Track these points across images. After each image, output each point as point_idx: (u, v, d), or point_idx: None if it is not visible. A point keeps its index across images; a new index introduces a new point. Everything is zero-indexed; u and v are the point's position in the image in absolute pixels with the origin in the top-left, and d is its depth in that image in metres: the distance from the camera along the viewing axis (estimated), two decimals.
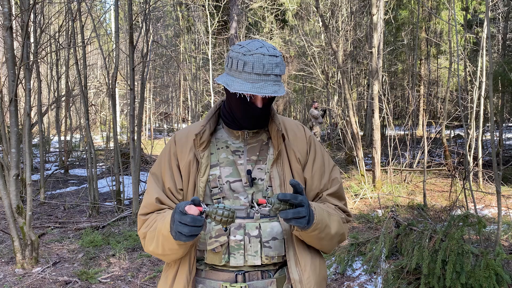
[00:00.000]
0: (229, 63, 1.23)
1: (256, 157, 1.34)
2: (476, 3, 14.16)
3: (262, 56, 1.18)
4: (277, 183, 1.30)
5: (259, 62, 1.18)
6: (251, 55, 1.19)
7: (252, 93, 1.17)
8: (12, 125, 3.98)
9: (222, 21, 14.01)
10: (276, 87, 1.20)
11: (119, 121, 16.42)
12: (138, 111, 6.31)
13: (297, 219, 1.16)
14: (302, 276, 1.26)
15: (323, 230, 1.24)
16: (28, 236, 4.04)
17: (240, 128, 1.34)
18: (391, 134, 8.77)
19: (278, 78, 1.21)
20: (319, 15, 9.13)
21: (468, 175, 5.32)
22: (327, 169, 1.41)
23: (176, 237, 1.14)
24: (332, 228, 1.28)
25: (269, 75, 1.19)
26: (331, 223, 1.28)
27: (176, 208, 1.13)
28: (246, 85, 1.18)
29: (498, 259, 2.86)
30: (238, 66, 1.20)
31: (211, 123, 1.37)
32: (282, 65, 1.23)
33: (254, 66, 1.18)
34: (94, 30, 7.74)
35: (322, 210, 1.25)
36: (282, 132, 1.30)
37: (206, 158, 1.32)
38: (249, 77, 1.19)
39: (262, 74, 1.18)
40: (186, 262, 1.29)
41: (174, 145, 1.38)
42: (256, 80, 1.18)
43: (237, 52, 1.22)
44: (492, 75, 3.91)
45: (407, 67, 15.52)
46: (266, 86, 1.18)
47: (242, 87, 1.18)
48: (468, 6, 11.69)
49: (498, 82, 9.32)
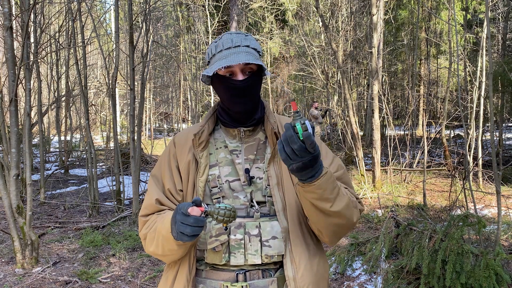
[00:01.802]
0: (207, 57, 1.33)
1: (254, 156, 1.35)
2: (476, 3, 14.16)
3: (230, 35, 1.28)
4: (274, 182, 1.30)
5: (227, 39, 1.27)
6: (220, 38, 1.29)
7: (225, 65, 1.21)
8: (12, 125, 3.99)
9: (222, 21, 14.01)
10: (249, 56, 1.23)
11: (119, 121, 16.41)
12: (138, 111, 6.31)
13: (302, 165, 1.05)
14: (296, 274, 1.26)
15: (327, 194, 1.13)
16: (28, 236, 4.05)
17: (234, 122, 1.35)
18: (391, 134, 8.77)
19: (250, 49, 1.26)
20: (319, 15, 9.13)
21: (468, 175, 5.32)
22: (327, 157, 1.38)
23: (178, 237, 1.14)
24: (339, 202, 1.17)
25: (239, 46, 1.25)
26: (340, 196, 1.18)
27: (177, 209, 1.13)
28: (220, 62, 1.24)
29: (498, 259, 2.86)
30: (212, 52, 1.29)
31: (210, 123, 1.38)
32: (253, 41, 1.29)
33: (223, 44, 1.26)
34: (94, 30, 7.74)
35: (333, 176, 1.16)
36: (275, 131, 1.30)
37: (205, 158, 1.33)
38: (222, 55, 1.25)
39: (232, 47, 1.25)
40: (186, 262, 1.30)
41: (174, 147, 1.39)
42: (228, 54, 1.25)
43: (210, 46, 1.32)
44: (492, 75, 3.91)
45: (407, 67, 15.53)
46: (238, 56, 1.23)
47: (217, 65, 1.23)
48: (468, 6, 11.69)
49: (498, 82, 9.32)
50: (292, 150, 1.02)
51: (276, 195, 1.29)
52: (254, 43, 1.29)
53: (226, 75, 1.27)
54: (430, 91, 15.62)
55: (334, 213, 1.17)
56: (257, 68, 1.29)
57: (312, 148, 1.01)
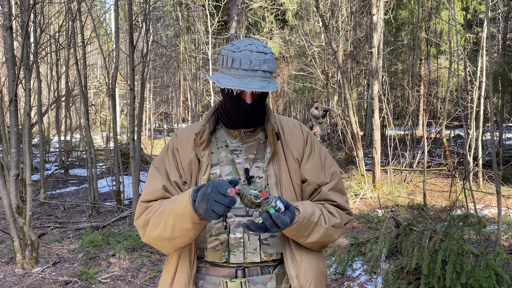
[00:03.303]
0: (220, 61, 1.28)
1: (254, 155, 1.36)
2: (476, 3, 14.16)
3: (250, 53, 1.21)
4: (273, 181, 1.32)
5: (246, 58, 1.21)
6: (240, 51, 1.22)
7: (238, 88, 1.20)
8: (12, 125, 3.98)
9: (222, 21, 14.00)
10: (264, 83, 1.22)
11: (119, 121, 16.41)
12: (138, 111, 6.31)
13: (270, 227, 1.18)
14: (299, 272, 1.28)
15: (299, 234, 1.26)
16: (28, 236, 4.04)
17: (236, 126, 1.35)
18: (391, 134, 8.77)
19: (266, 74, 1.23)
20: (319, 15, 9.13)
21: (468, 175, 5.32)
22: (325, 163, 1.41)
23: (206, 214, 1.12)
24: (314, 235, 1.28)
25: (256, 71, 1.21)
26: (315, 230, 1.28)
27: (212, 186, 1.12)
28: (234, 80, 1.21)
29: (498, 259, 2.86)
30: (228, 62, 1.24)
31: (211, 122, 1.38)
32: (271, 62, 1.25)
33: (241, 62, 1.21)
34: (94, 30, 7.74)
35: (305, 219, 1.25)
36: (276, 131, 1.31)
37: (207, 157, 1.34)
38: (237, 73, 1.22)
39: (249, 70, 1.21)
40: (186, 258, 1.31)
41: (177, 142, 1.40)
42: (243, 75, 1.21)
43: (227, 50, 1.25)
44: (492, 75, 3.90)
45: (407, 67, 15.52)
46: (253, 82, 1.20)
47: (230, 83, 1.21)
48: (468, 6, 11.69)
49: (498, 82, 9.32)
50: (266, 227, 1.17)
51: (274, 194, 1.31)
52: (271, 65, 1.25)
53: (236, 92, 1.26)
54: (430, 91, 15.61)
55: (308, 243, 1.30)
56: None
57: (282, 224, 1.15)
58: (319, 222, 1.27)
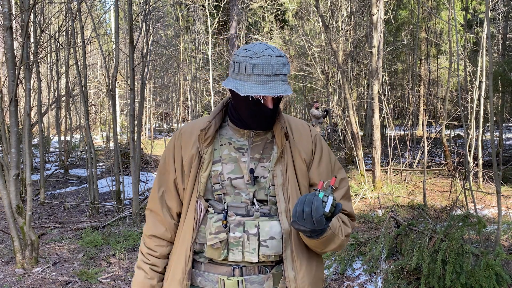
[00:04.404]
0: (236, 68, 1.23)
1: (260, 155, 1.35)
2: (476, 3, 14.16)
3: (270, 58, 1.20)
4: (279, 182, 1.31)
5: (268, 63, 1.19)
6: (259, 57, 1.20)
7: (264, 95, 1.18)
8: (12, 125, 3.98)
9: (222, 21, 14.01)
10: (285, 86, 1.22)
11: (119, 121, 16.42)
12: (138, 111, 6.31)
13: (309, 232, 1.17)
14: (297, 275, 1.28)
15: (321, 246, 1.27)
16: (28, 236, 4.04)
17: (246, 128, 1.35)
18: (391, 134, 8.77)
19: (286, 77, 1.23)
20: (319, 15, 9.13)
21: (468, 175, 5.32)
22: (334, 168, 1.41)
23: None
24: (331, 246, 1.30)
25: (278, 75, 1.20)
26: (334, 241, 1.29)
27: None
28: (257, 87, 1.19)
29: (498, 259, 2.86)
30: (247, 69, 1.20)
31: (217, 119, 1.37)
32: (288, 65, 1.25)
33: (263, 68, 1.19)
34: (94, 30, 7.74)
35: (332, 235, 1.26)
36: (285, 131, 1.30)
37: (209, 154, 1.33)
38: (259, 79, 1.19)
39: (272, 75, 1.20)
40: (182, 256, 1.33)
41: (179, 139, 1.40)
42: (266, 81, 1.20)
43: (243, 56, 1.22)
44: (492, 75, 3.91)
45: (407, 67, 15.52)
46: (276, 86, 1.20)
47: (254, 90, 1.18)
48: (468, 6, 11.69)
49: (498, 82, 9.33)
50: (302, 212, 1.12)
51: (280, 195, 1.30)
52: (289, 68, 1.26)
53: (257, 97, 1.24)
54: (430, 91, 15.61)
55: (321, 252, 1.34)
56: None
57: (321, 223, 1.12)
58: (338, 233, 1.29)
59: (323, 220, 1.11)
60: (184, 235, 1.34)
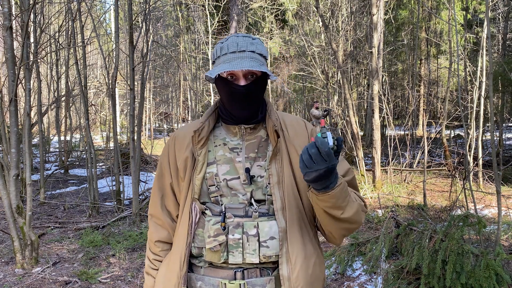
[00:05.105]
0: (212, 57, 1.32)
1: (255, 154, 1.33)
2: (476, 3, 14.16)
3: (236, 37, 1.27)
4: (275, 180, 1.29)
5: (233, 42, 1.26)
6: (226, 40, 1.28)
7: (228, 70, 1.20)
8: (12, 125, 3.98)
9: (222, 21, 14.00)
10: (253, 62, 1.23)
11: (119, 121, 16.42)
12: (138, 111, 6.31)
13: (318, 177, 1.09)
14: (291, 274, 1.25)
15: (339, 203, 1.17)
16: (28, 236, 4.04)
17: (235, 121, 1.34)
18: (391, 134, 8.77)
19: (255, 55, 1.25)
20: (319, 15, 9.13)
21: (468, 175, 5.32)
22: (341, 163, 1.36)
23: None
24: (349, 209, 1.20)
25: (244, 51, 1.24)
26: (350, 203, 1.21)
27: None
28: (224, 65, 1.23)
29: (498, 259, 2.86)
30: (217, 53, 1.28)
31: (211, 120, 1.37)
32: (259, 45, 1.28)
33: (229, 47, 1.25)
34: (94, 30, 7.74)
35: (346, 185, 1.19)
36: (275, 128, 1.29)
37: (203, 155, 1.32)
38: (226, 58, 1.25)
39: (237, 51, 1.24)
40: (176, 261, 1.31)
41: (174, 143, 1.41)
42: (232, 58, 1.24)
43: (217, 44, 1.31)
44: (492, 75, 3.91)
45: (407, 67, 15.52)
46: (242, 62, 1.22)
47: (220, 69, 1.23)
48: (468, 6, 11.69)
49: (498, 82, 9.33)
50: (310, 156, 1.06)
51: (276, 193, 1.28)
52: (260, 48, 1.27)
53: (228, 78, 1.26)
54: (430, 91, 15.61)
55: (344, 219, 1.22)
56: (261, 74, 1.28)
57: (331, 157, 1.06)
58: (351, 197, 1.23)
59: (332, 154, 1.06)
60: (179, 239, 1.33)
